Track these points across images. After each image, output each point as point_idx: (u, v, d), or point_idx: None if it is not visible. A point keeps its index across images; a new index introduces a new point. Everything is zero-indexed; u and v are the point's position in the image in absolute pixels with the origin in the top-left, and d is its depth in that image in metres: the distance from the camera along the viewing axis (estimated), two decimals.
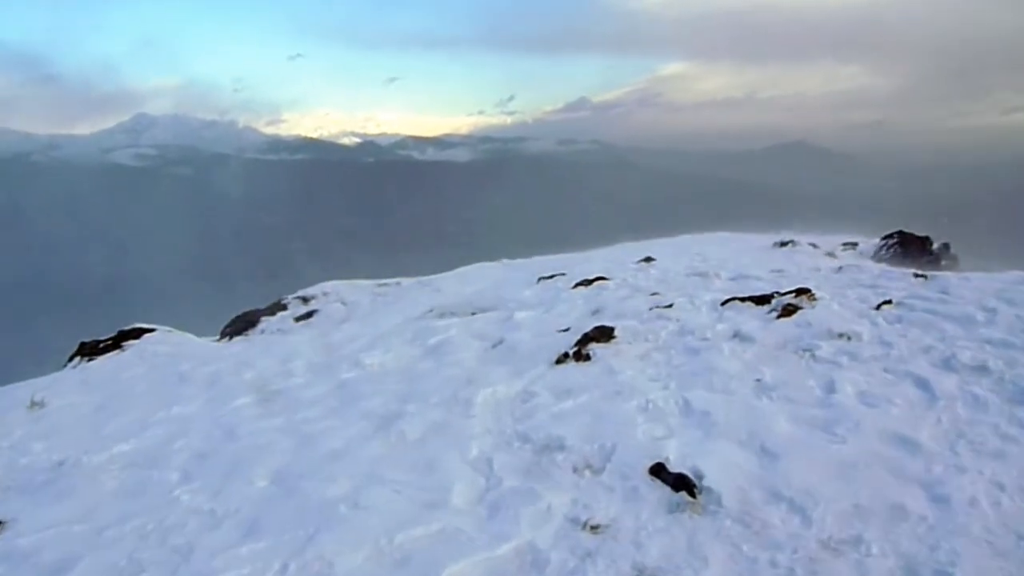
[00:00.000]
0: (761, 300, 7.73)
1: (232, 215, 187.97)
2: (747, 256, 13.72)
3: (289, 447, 5.55)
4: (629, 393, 5.56)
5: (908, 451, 4.25)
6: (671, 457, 4.38)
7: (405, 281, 18.62)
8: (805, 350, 6.08)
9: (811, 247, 15.93)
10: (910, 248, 17.44)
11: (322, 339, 9.85)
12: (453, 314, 10.18)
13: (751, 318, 7.29)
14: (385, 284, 18.30)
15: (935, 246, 18.30)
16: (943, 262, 18.23)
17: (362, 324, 11.50)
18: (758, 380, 5.54)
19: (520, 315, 8.91)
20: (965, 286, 7.75)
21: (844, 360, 5.77)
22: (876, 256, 17.08)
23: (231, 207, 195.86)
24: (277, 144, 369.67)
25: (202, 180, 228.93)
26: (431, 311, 10.63)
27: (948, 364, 5.43)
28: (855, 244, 18.18)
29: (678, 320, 7.45)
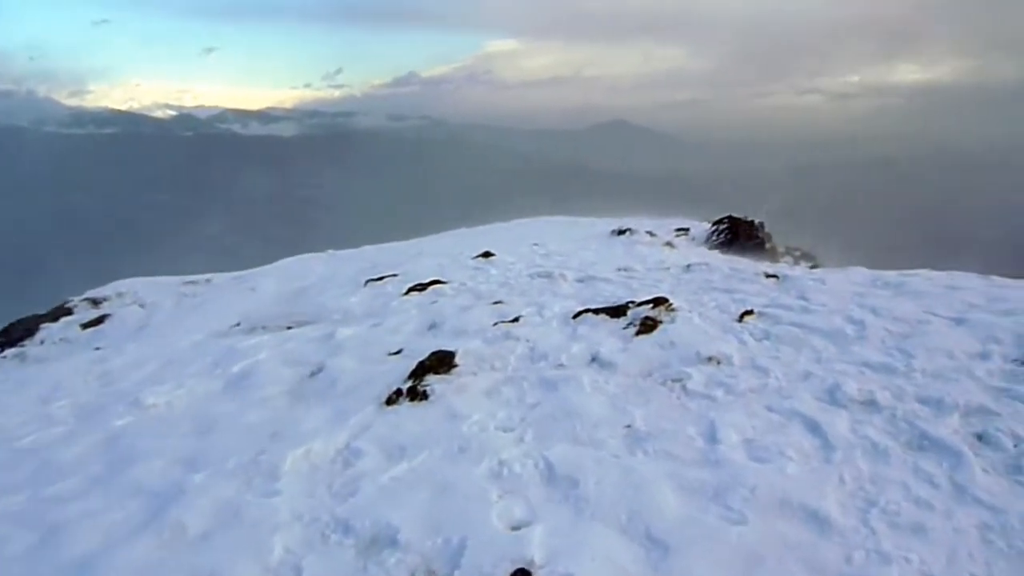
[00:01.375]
0: (616, 312, 6.93)
1: (30, 194, 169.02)
2: (589, 248, 13.12)
3: (22, 548, 4.04)
4: (477, 451, 4.49)
5: (819, 530, 3.47)
6: (536, 558, 3.35)
7: (217, 277, 16.59)
8: (675, 380, 5.28)
9: (649, 235, 15.67)
10: (740, 233, 17.71)
11: (100, 365, 8.02)
12: (264, 328, 8.72)
13: (608, 335, 6.45)
14: (193, 282, 16.21)
15: (761, 230, 18.78)
16: (767, 245, 18.74)
17: (155, 340, 9.75)
18: (628, 426, 4.65)
19: (344, 332, 7.61)
20: (821, 290, 7.38)
21: (719, 394, 5.02)
22: (708, 242, 17.18)
23: (28, 184, 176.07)
24: (82, 117, 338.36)
25: None
26: (239, 325, 9.07)
27: (833, 397, 4.78)
28: (687, 230, 18.26)
29: (527, 340, 6.48)
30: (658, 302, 6.91)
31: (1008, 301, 6.41)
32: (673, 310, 6.81)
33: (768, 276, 8.28)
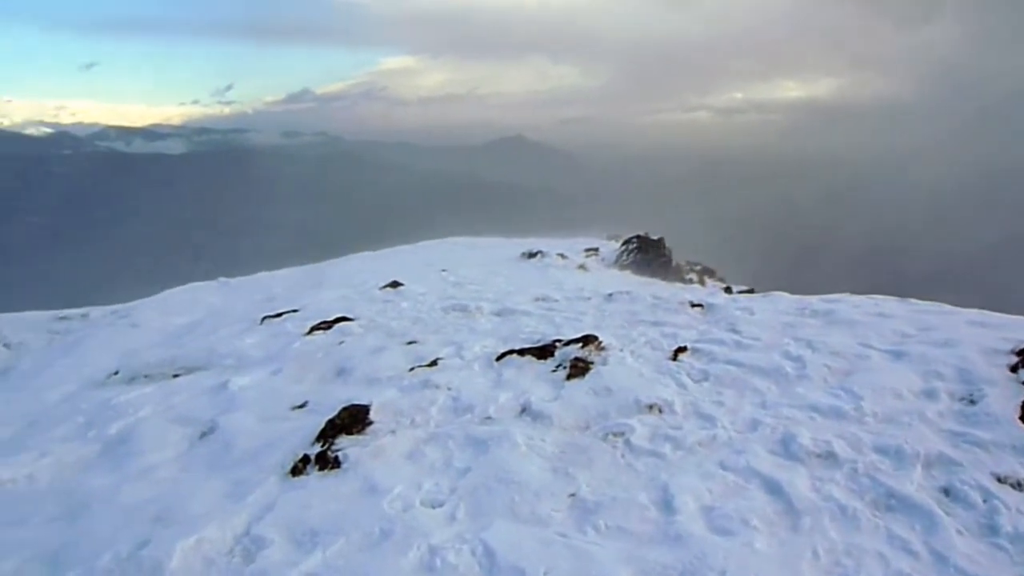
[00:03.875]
0: (542, 352, 6.45)
1: None
2: (500, 274, 12.64)
3: None
4: (403, 535, 3.85)
5: None
6: None
7: (94, 311, 15.19)
8: (616, 434, 4.81)
9: (560, 257, 15.35)
10: (648, 251, 17.76)
11: None
12: (147, 377, 7.79)
13: (536, 380, 5.95)
14: (66, 318, 14.77)
15: (665, 247, 18.90)
16: (673, 262, 18.86)
17: (19, 391, 8.53)
18: (573, 495, 4.14)
19: (239, 381, 6.83)
20: (751, 321, 7.15)
21: (667, 450, 4.57)
22: (619, 262, 17.12)
23: None
24: None
25: None
26: (117, 373, 8.06)
27: (788, 450, 4.42)
28: (596, 249, 18.16)
29: (449, 388, 5.89)
30: (587, 340, 6.47)
31: (938, 329, 6.30)
32: (603, 349, 6.38)
33: (694, 306, 8.00)
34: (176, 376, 7.69)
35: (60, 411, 6.94)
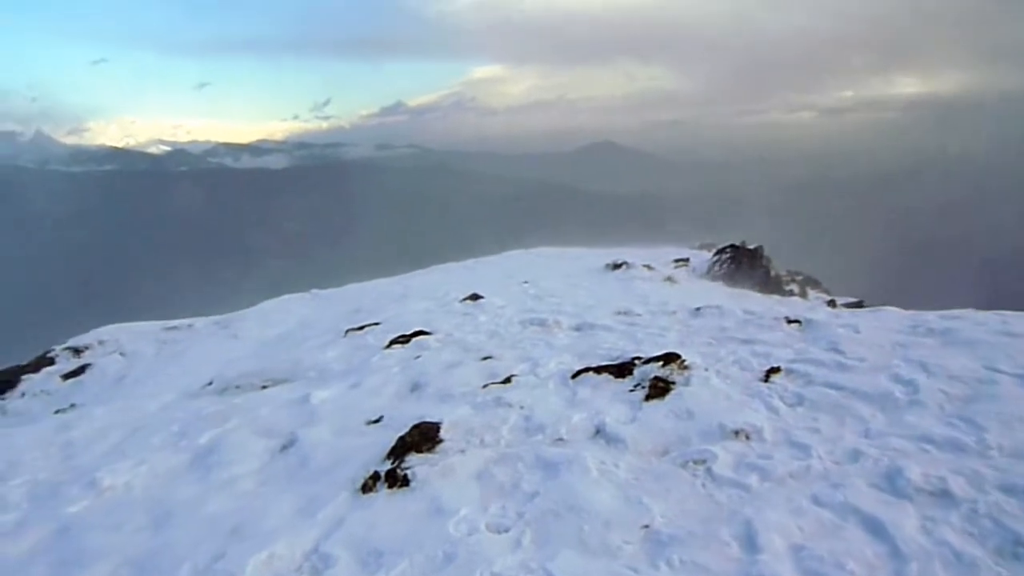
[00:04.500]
0: (620, 370, 6.11)
1: (37, 232, 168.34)
2: (582, 287, 12.32)
3: None
4: (466, 560, 3.67)
5: None
6: None
7: (199, 322, 15.91)
8: (697, 462, 4.42)
9: (646, 269, 14.86)
10: (743, 262, 17.03)
11: (64, 434, 7.23)
12: (238, 388, 7.96)
13: (613, 400, 5.61)
14: (174, 328, 15.53)
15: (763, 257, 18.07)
16: (772, 273, 18.02)
17: (128, 400, 8.90)
18: (646, 526, 3.81)
19: (319, 394, 6.83)
20: (855, 339, 6.57)
21: (753, 481, 4.16)
22: (711, 273, 16.48)
23: (36, 224, 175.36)
24: (81, 154, 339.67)
25: (1, 196, 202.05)
26: (211, 384, 8.26)
27: (894, 485, 3.93)
28: (686, 260, 17.56)
29: (521, 407, 5.64)
30: (668, 358, 6.08)
31: None
32: (686, 368, 5.98)
33: (790, 322, 7.47)
34: (264, 387, 7.86)
35: (159, 420, 7.21)
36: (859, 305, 13.98)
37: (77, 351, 15.17)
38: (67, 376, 13.84)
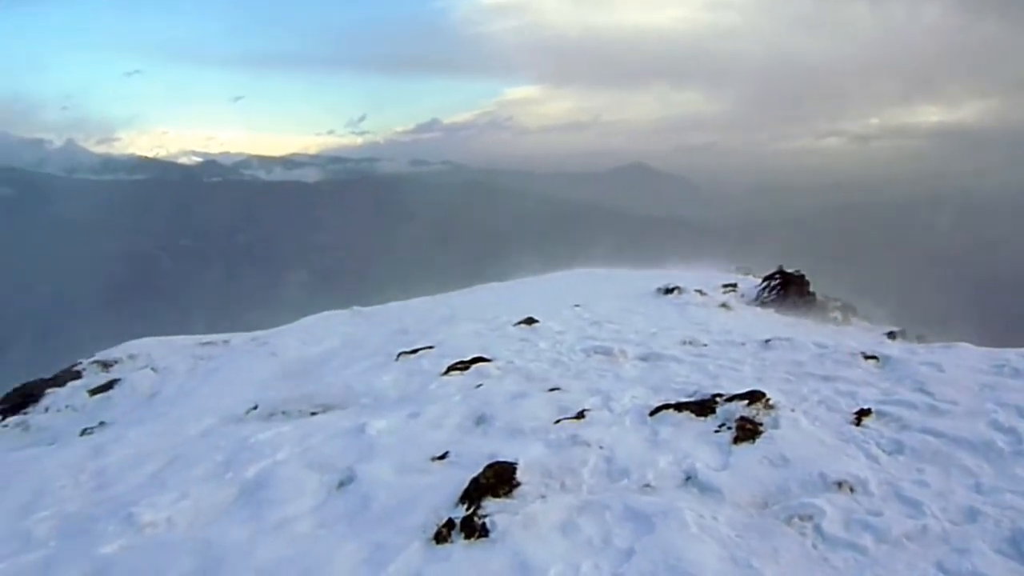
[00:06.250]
0: (702, 409, 5.84)
1: (63, 238, 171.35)
2: (638, 312, 12.06)
3: None
4: None
5: None
6: None
7: (235, 338, 15.70)
8: (803, 517, 4.14)
9: (699, 294, 14.57)
10: (791, 289, 16.69)
11: (96, 460, 6.96)
12: (285, 414, 7.72)
13: (698, 442, 5.34)
14: (210, 343, 15.33)
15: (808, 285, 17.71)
16: (818, 297, 17.63)
17: (163, 421, 8.69)
18: None
19: (377, 425, 6.52)
20: (940, 379, 6.25)
21: (868, 542, 3.87)
22: (759, 299, 16.16)
23: (63, 230, 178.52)
24: (111, 163, 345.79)
25: (25, 202, 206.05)
26: (256, 408, 8.04)
27: (1021, 551, 3.65)
28: (735, 286, 17.24)
29: (600, 446, 5.36)
30: (753, 397, 5.80)
31: None
32: (771, 407, 5.70)
33: (867, 357, 7.16)
34: (313, 414, 7.59)
35: (200, 447, 6.85)
36: (894, 335, 13.59)
37: (106, 365, 14.83)
38: (94, 391, 13.38)
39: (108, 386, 13.49)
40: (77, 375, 14.53)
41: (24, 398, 13.79)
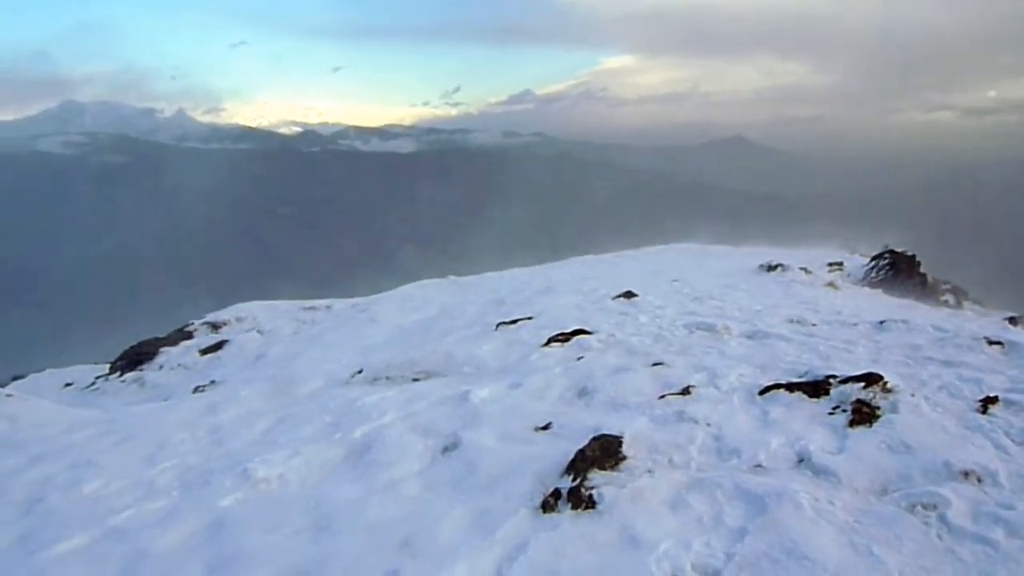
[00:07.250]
0: (815, 390, 5.66)
1: (174, 205, 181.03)
2: (739, 288, 11.75)
3: None
4: None
5: None
6: None
7: (337, 304, 16.23)
8: (926, 507, 3.95)
9: (803, 272, 14.09)
10: (901, 270, 15.94)
11: (210, 416, 7.35)
12: (389, 379, 7.92)
13: (811, 423, 5.18)
14: (312, 308, 15.90)
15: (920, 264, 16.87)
16: (928, 279, 16.79)
17: (270, 381, 9.02)
18: None
19: (479, 393, 6.64)
20: None
21: (1000, 536, 3.66)
22: (867, 279, 15.52)
23: (173, 197, 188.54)
24: (217, 132, 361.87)
25: (137, 169, 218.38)
26: (360, 372, 8.30)
27: None
28: (840, 264, 16.59)
29: (708, 424, 5.28)
30: (870, 379, 5.57)
31: None
32: (889, 391, 5.46)
33: (991, 343, 6.77)
34: (416, 380, 7.77)
35: (308, 408, 7.15)
36: (1015, 321, 12.79)
37: (215, 326, 15.66)
38: (205, 351, 14.23)
39: (218, 346, 14.23)
40: (189, 335, 15.35)
41: (140, 356, 14.72)
